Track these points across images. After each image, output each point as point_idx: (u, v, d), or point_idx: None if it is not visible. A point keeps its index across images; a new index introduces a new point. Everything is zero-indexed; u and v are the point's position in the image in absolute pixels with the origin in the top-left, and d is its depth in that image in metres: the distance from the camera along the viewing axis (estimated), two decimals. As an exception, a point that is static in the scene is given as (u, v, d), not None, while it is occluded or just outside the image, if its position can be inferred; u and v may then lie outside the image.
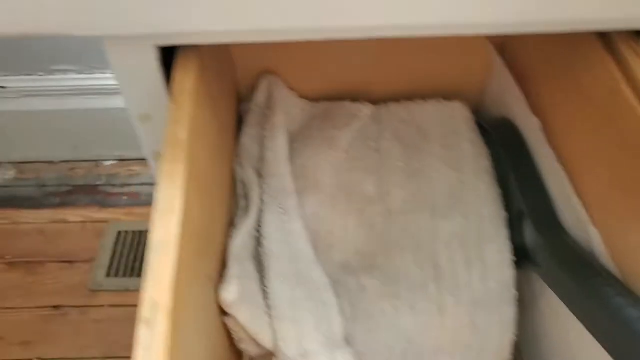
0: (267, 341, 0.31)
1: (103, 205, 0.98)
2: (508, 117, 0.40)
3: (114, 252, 0.93)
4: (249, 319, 0.30)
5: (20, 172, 1.04)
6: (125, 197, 0.98)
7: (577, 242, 0.32)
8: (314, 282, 0.33)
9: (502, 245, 0.36)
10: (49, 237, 0.96)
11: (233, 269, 0.30)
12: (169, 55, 0.27)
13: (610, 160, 0.29)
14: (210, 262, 0.28)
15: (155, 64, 0.26)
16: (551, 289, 0.32)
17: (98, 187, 1.00)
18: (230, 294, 0.28)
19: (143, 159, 1.05)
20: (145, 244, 0.94)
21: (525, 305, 0.39)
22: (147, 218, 0.94)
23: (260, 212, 0.35)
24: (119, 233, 0.95)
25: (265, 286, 0.33)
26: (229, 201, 0.35)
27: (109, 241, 0.94)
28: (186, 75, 0.26)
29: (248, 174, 0.36)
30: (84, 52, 0.90)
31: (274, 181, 0.36)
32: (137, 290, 1.04)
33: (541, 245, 0.33)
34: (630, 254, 0.28)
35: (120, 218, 0.96)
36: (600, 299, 0.28)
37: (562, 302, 0.31)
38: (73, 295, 0.90)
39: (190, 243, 0.24)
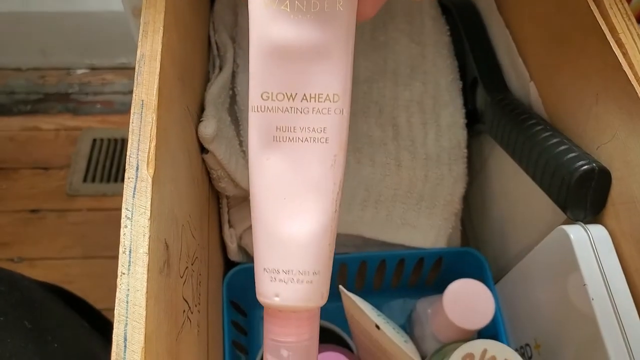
0: (243, 180, 0.34)
1: (76, 113, 0.99)
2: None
3: (90, 159, 0.95)
4: (227, 156, 0.33)
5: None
6: (98, 105, 0.99)
7: (519, 98, 0.37)
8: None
9: (456, 110, 0.40)
10: (21, 144, 0.96)
11: (210, 110, 0.33)
12: None
13: (546, 20, 0.32)
14: (190, 97, 0.31)
15: None
16: (495, 140, 0.37)
17: (70, 95, 1.00)
18: (208, 129, 0.31)
19: (115, 68, 1.04)
20: (120, 151, 0.95)
21: (476, 169, 0.44)
22: (121, 126, 0.96)
23: (234, 72, 0.38)
24: (94, 140, 0.96)
25: (241, 136, 0.36)
26: (204, 59, 0.37)
27: (84, 148, 0.95)
28: None
29: (222, 37, 0.38)
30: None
31: (248, 45, 0.38)
32: (114, 195, 1.07)
33: (489, 104, 0.37)
34: (555, 99, 0.32)
35: (94, 126, 0.97)
36: (534, 140, 0.32)
37: (505, 154, 0.36)
38: (50, 199, 0.93)
39: (173, 66, 0.27)
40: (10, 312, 0.33)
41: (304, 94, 0.21)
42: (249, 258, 0.40)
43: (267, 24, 0.20)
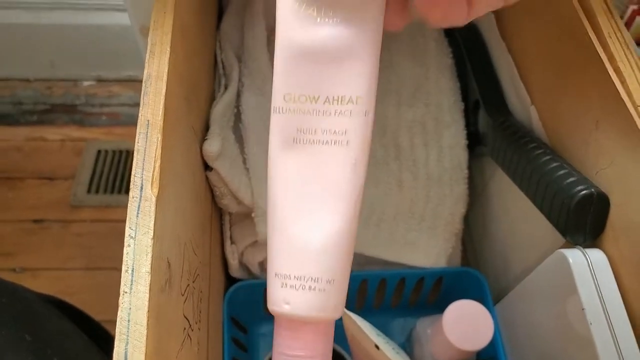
0: (246, 197, 0.35)
1: (82, 124, 0.99)
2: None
3: (94, 170, 0.95)
4: (230, 174, 0.33)
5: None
6: (104, 117, 1.00)
7: (520, 121, 0.37)
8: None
9: (457, 131, 0.41)
10: (27, 154, 0.97)
11: (215, 128, 0.33)
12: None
13: (548, 47, 0.33)
14: (196, 116, 0.31)
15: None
16: (497, 163, 0.37)
17: (77, 107, 1.01)
18: (213, 147, 0.32)
19: (122, 80, 1.05)
20: (125, 162, 0.96)
21: (478, 191, 0.44)
22: (126, 138, 0.97)
23: (239, 91, 0.38)
24: (99, 152, 0.97)
25: (244, 153, 0.36)
26: (210, 77, 0.38)
27: (89, 159, 0.96)
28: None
29: (228, 56, 0.39)
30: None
31: (253, 65, 0.39)
32: (118, 207, 1.07)
33: (491, 126, 0.37)
34: (556, 123, 0.32)
35: (99, 137, 0.98)
36: (534, 163, 0.32)
37: (506, 176, 0.36)
38: (54, 210, 0.93)
39: (179, 86, 0.27)
40: (12, 324, 0.33)
41: (327, 97, 0.21)
42: (250, 275, 0.40)
43: (293, 27, 0.21)
